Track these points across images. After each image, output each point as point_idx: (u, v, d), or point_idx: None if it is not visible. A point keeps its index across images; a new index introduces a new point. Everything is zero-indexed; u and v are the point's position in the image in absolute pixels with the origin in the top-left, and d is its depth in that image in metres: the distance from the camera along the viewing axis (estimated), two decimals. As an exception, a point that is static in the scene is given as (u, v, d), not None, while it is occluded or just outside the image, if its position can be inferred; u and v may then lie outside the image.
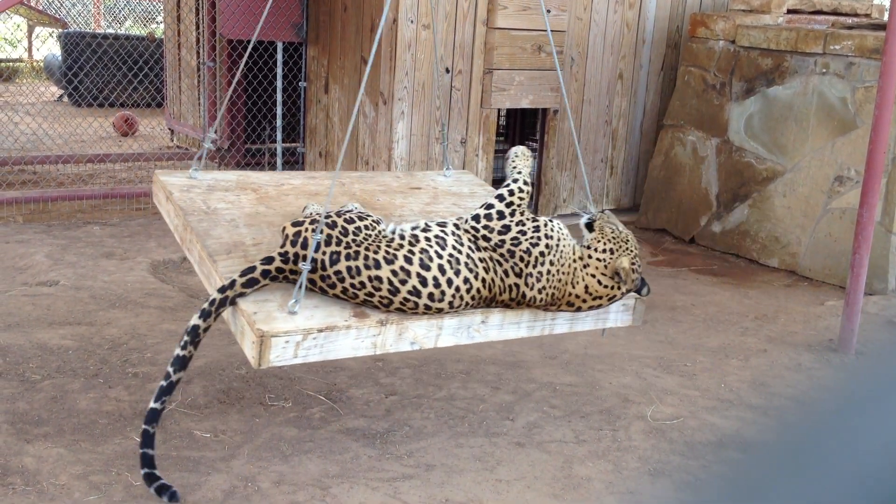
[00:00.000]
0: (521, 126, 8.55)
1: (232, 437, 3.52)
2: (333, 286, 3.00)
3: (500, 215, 3.23)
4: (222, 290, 2.97)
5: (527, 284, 3.19)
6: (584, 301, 3.28)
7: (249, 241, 3.38)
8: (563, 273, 3.24)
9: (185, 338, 2.97)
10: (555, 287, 3.24)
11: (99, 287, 5.14)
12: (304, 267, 2.94)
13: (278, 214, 3.62)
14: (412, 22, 6.37)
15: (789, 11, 7.37)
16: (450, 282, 3.06)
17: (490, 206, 3.26)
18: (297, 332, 2.88)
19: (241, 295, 2.97)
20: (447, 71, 6.59)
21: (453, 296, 3.07)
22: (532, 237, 3.20)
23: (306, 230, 3.02)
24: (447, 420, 3.80)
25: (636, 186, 7.90)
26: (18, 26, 14.57)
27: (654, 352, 4.75)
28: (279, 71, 7.48)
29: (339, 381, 4.10)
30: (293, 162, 8.16)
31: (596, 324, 3.52)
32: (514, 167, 3.40)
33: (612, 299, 3.31)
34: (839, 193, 6.19)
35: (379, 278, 2.99)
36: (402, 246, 3.06)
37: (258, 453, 3.41)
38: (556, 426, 3.80)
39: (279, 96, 7.50)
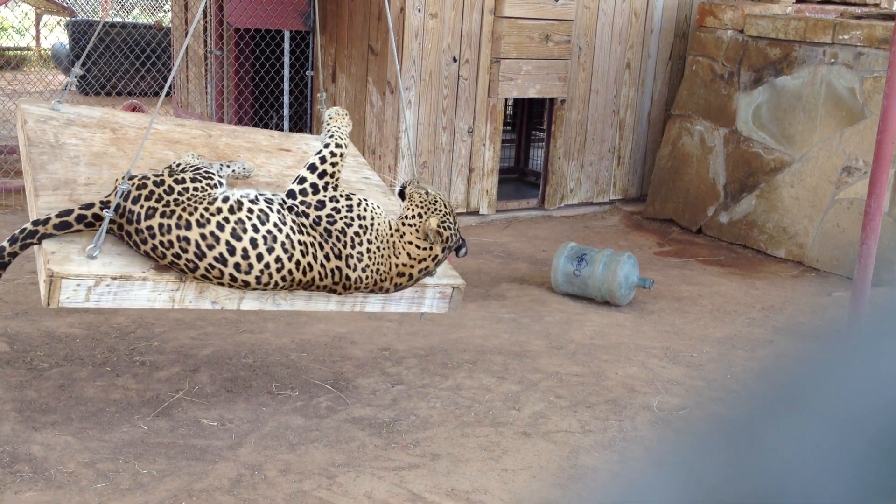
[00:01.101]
0: (529, 115, 8.53)
1: (239, 426, 3.53)
2: (145, 241, 2.99)
3: (315, 189, 3.21)
4: (35, 223, 2.99)
5: (349, 266, 3.18)
6: (412, 266, 3.31)
7: (83, 180, 3.33)
8: (384, 248, 3.26)
9: None
10: (378, 263, 3.24)
11: (106, 275, 5.15)
12: (108, 214, 2.97)
13: (127, 157, 3.54)
14: (419, 11, 6.36)
15: (798, 1, 7.34)
16: (260, 257, 3.04)
17: (303, 180, 3.23)
18: (90, 277, 2.89)
19: (51, 235, 2.98)
20: (454, 60, 6.58)
21: (261, 271, 3.05)
22: (346, 217, 3.20)
23: (134, 184, 3.04)
24: (453, 410, 3.80)
25: (643, 176, 7.88)
26: (26, 14, 14.58)
27: (661, 342, 4.75)
28: (286, 59, 7.47)
29: (345, 371, 4.11)
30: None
31: (410, 307, 3.52)
32: (328, 130, 3.37)
33: (435, 259, 3.34)
34: (847, 184, 6.17)
35: (187, 239, 2.98)
36: (219, 211, 3.04)
37: (265, 442, 3.42)
38: (561, 416, 3.81)
39: (286, 85, 7.49)
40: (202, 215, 3.01)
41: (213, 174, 3.18)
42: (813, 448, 0.73)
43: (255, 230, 3.05)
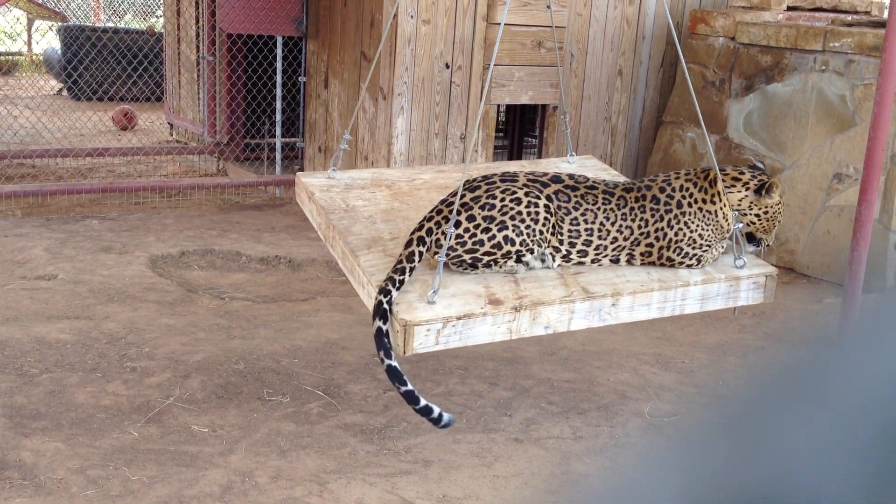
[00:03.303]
0: (521, 122, 8.55)
1: (230, 432, 3.52)
2: (495, 208, 3.23)
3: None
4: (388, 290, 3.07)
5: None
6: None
7: (387, 235, 3.55)
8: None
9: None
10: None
11: (97, 281, 5.14)
12: (440, 259, 3.08)
13: (412, 209, 3.77)
14: (412, 17, 6.37)
15: (789, 8, 7.36)
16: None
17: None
18: (438, 321, 3.01)
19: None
20: (447, 66, 6.59)
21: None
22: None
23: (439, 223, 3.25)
24: (445, 416, 3.80)
25: (635, 183, 7.89)
26: (18, 19, 14.56)
27: (652, 348, 4.75)
28: (279, 65, 7.47)
29: (336, 377, 4.11)
30: (293, 157, 8.15)
31: (727, 302, 3.56)
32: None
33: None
34: (838, 191, 6.19)
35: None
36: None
37: (256, 448, 3.41)
38: (553, 422, 3.81)
39: (279, 91, 7.49)
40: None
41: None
42: (804, 453, 0.73)
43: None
